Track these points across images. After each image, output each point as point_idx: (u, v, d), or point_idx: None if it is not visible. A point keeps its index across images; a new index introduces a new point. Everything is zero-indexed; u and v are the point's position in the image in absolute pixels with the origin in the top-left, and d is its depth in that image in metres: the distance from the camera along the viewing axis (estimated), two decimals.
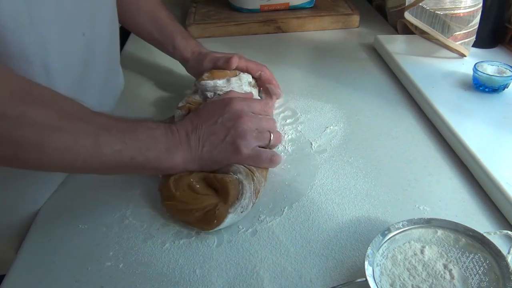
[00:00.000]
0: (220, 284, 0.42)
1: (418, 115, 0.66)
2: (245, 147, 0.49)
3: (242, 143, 0.49)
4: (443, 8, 0.76)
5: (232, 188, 0.46)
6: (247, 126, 0.50)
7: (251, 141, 0.50)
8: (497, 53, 0.78)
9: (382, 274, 0.40)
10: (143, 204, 0.51)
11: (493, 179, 0.49)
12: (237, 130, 0.49)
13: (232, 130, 0.49)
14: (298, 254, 0.44)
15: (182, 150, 0.48)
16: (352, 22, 0.98)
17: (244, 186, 0.47)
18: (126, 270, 0.44)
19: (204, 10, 1.02)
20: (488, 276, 0.39)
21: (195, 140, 0.49)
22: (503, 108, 0.63)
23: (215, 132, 0.50)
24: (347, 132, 0.63)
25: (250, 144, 0.50)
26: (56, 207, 0.52)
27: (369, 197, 0.51)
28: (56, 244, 0.47)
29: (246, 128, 0.50)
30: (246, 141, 0.49)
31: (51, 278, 0.43)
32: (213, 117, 0.51)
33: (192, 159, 0.49)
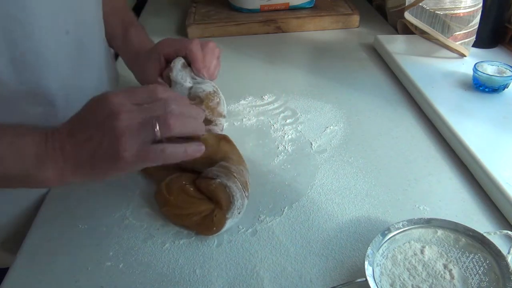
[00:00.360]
0: (220, 284, 0.42)
1: (418, 115, 0.66)
2: (125, 150, 0.38)
3: (120, 146, 0.38)
4: (443, 8, 0.76)
5: (220, 193, 0.46)
6: (124, 122, 0.39)
7: (132, 139, 0.39)
8: (497, 53, 0.78)
9: (382, 274, 0.40)
10: (143, 204, 0.51)
11: (493, 179, 0.49)
12: (112, 130, 0.38)
13: (107, 131, 0.39)
14: (298, 254, 0.44)
15: (55, 162, 0.40)
16: (352, 22, 0.98)
17: (231, 188, 0.46)
18: (126, 270, 0.43)
19: (204, 10, 1.02)
20: (488, 276, 0.39)
21: (70, 148, 0.40)
22: (503, 108, 0.63)
23: (91, 136, 0.40)
24: (347, 132, 0.63)
25: (131, 144, 0.39)
26: (56, 207, 0.52)
27: (369, 197, 0.51)
28: (56, 244, 0.47)
29: (121, 125, 0.38)
30: (124, 141, 0.38)
31: (51, 278, 0.43)
32: (88, 119, 0.41)
33: (71, 172, 0.41)
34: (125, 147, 0.38)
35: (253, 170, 0.55)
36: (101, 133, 0.39)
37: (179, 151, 0.41)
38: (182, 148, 0.41)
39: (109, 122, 0.39)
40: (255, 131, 0.63)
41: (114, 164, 0.39)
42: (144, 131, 0.39)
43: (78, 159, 0.40)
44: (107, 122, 0.39)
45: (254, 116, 0.66)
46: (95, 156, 0.39)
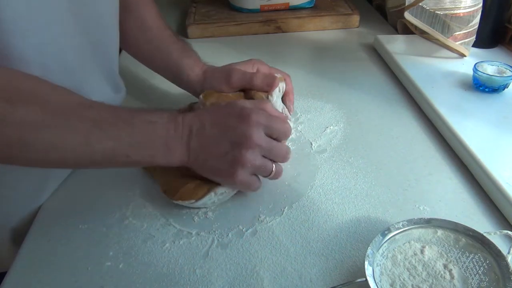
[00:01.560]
0: (220, 284, 0.42)
1: (418, 115, 0.66)
2: (241, 175, 0.45)
3: (239, 170, 0.45)
4: (443, 8, 0.76)
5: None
6: (253, 155, 0.45)
7: (250, 170, 0.46)
8: (497, 53, 0.78)
9: (382, 274, 0.40)
10: (143, 204, 0.51)
11: (493, 179, 0.49)
12: (240, 153, 0.44)
13: (236, 151, 0.45)
14: (298, 254, 0.44)
15: (180, 149, 0.45)
16: (352, 22, 0.98)
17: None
18: (126, 270, 0.43)
19: (204, 10, 1.02)
20: (488, 276, 0.39)
21: (196, 142, 0.45)
22: (503, 108, 0.63)
23: (219, 142, 0.45)
24: (347, 132, 0.63)
25: (246, 173, 0.46)
26: (56, 207, 0.52)
27: (369, 197, 0.51)
28: (56, 244, 0.47)
29: (250, 157, 0.45)
30: (245, 169, 0.45)
31: (51, 278, 0.43)
32: (223, 124, 0.46)
33: (188, 160, 0.46)
34: (241, 174, 0.45)
35: None
36: (229, 148, 0.45)
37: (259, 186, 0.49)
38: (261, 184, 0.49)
39: (242, 144, 0.44)
40: None
41: (222, 177, 0.46)
42: (262, 171, 0.47)
43: (201, 152, 0.45)
44: (240, 144, 0.44)
45: None
46: (214, 159, 0.45)
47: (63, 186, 0.55)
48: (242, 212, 0.49)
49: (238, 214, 0.49)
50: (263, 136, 0.46)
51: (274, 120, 0.47)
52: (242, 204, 0.51)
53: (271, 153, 0.47)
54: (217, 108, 0.49)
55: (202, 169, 0.47)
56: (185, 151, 0.45)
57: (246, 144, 0.44)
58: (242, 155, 0.44)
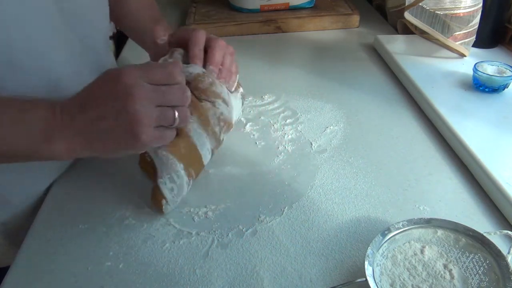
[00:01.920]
0: (220, 284, 0.42)
1: (418, 115, 0.66)
2: (144, 133, 0.40)
3: (138, 129, 0.40)
4: (443, 8, 0.76)
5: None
6: (142, 105, 0.40)
7: (150, 124, 0.41)
8: (497, 53, 0.78)
9: (382, 274, 0.40)
10: (143, 204, 0.51)
11: (493, 179, 0.49)
12: (129, 112, 0.39)
13: (124, 112, 0.39)
14: (298, 254, 0.44)
15: (65, 137, 0.40)
16: (352, 22, 0.98)
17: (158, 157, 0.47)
18: (126, 270, 0.43)
19: (204, 10, 1.02)
20: (488, 276, 0.39)
21: (80, 124, 0.40)
22: (503, 108, 0.63)
23: (105, 115, 0.40)
24: (347, 132, 0.63)
25: (149, 128, 0.41)
26: (56, 206, 0.52)
27: (369, 197, 0.51)
28: (56, 244, 0.47)
29: (140, 109, 0.39)
30: (143, 125, 0.40)
31: (51, 278, 0.43)
32: (101, 96, 0.41)
33: (80, 147, 0.41)
34: (144, 131, 0.40)
35: (253, 170, 0.55)
36: (116, 114, 0.40)
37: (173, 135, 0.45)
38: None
39: (125, 103, 0.39)
40: (255, 131, 0.63)
41: (130, 144, 0.41)
42: (164, 119, 0.42)
43: (89, 135, 0.41)
44: (124, 103, 0.39)
45: (254, 116, 0.66)
46: (108, 135, 0.40)
47: (63, 186, 0.55)
48: (242, 212, 0.49)
49: (238, 214, 0.49)
50: (146, 86, 0.41)
51: (151, 67, 0.43)
52: (242, 204, 0.51)
53: (166, 98, 0.42)
54: (89, 85, 0.43)
55: (101, 150, 0.42)
56: (71, 139, 0.40)
57: (129, 101, 0.39)
58: (131, 114, 0.39)
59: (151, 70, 0.42)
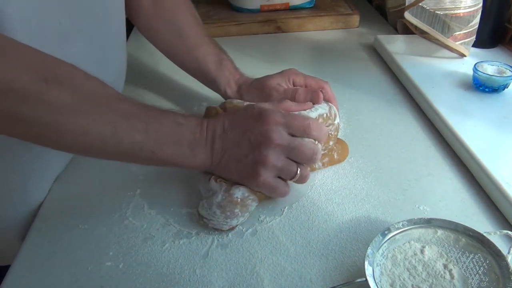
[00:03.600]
0: (220, 284, 0.42)
1: (418, 115, 0.66)
2: (263, 175, 0.45)
3: (262, 170, 0.44)
4: (443, 8, 0.76)
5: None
6: (275, 154, 0.44)
7: (272, 171, 0.45)
8: (497, 53, 0.78)
9: (382, 274, 0.40)
10: (143, 204, 0.51)
11: (493, 179, 0.49)
12: (260, 153, 0.44)
13: (257, 151, 0.44)
14: (298, 254, 0.44)
15: (205, 152, 0.46)
16: (352, 22, 0.98)
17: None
18: (126, 270, 0.43)
19: (204, 10, 1.02)
20: (488, 276, 0.39)
21: (219, 145, 0.46)
22: (503, 108, 0.63)
23: (240, 144, 0.45)
24: (347, 132, 0.63)
25: (269, 174, 0.45)
26: (56, 207, 0.52)
27: (369, 197, 0.51)
28: (56, 244, 0.47)
29: (271, 154, 0.44)
30: (267, 170, 0.45)
31: (51, 278, 0.43)
32: (243, 127, 0.46)
33: (211, 163, 0.46)
34: (263, 175, 0.45)
35: None
36: (249, 149, 0.45)
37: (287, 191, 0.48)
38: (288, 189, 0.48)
39: (262, 142, 0.44)
40: None
41: (246, 178, 0.46)
42: (286, 173, 0.46)
43: (223, 155, 0.46)
44: (259, 144, 0.44)
45: None
46: (235, 162, 0.46)
47: (63, 186, 0.55)
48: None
49: None
50: (284, 135, 0.45)
51: (293, 117, 0.47)
52: None
53: (294, 153, 0.45)
54: (237, 110, 0.50)
55: (225, 171, 0.47)
56: (209, 155, 0.46)
57: (265, 143, 0.44)
58: (262, 155, 0.44)
59: (292, 120, 0.46)
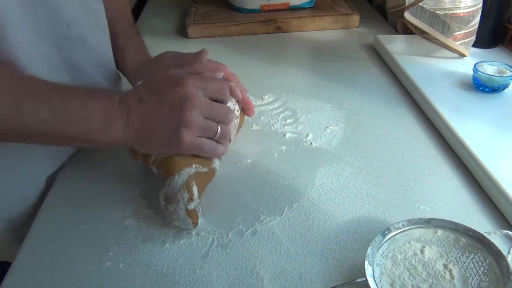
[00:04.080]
0: (220, 284, 0.42)
1: (418, 115, 0.66)
2: (188, 136, 0.45)
3: (185, 132, 0.45)
4: (443, 8, 0.76)
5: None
6: (195, 114, 0.45)
7: (195, 131, 0.46)
8: (497, 53, 0.78)
9: (382, 274, 0.40)
10: (143, 204, 0.51)
11: (493, 179, 0.49)
12: (184, 116, 0.45)
13: (179, 114, 0.45)
14: (298, 254, 0.44)
15: (120, 124, 0.44)
16: (352, 22, 0.98)
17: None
18: (126, 270, 0.43)
19: (204, 10, 1.02)
20: (488, 276, 0.39)
21: (136, 116, 0.45)
22: (503, 108, 0.63)
23: (158, 110, 0.45)
24: (347, 132, 0.63)
25: (194, 134, 0.46)
26: (56, 207, 0.52)
27: (369, 197, 0.51)
28: (56, 244, 0.47)
29: (193, 117, 0.45)
30: (190, 130, 0.45)
31: (51, 278, 0.43)
32: (161, 93, 0.46)
33: (130, 136, 0.45)
34: (186, 136, 0.45)
35: (253, 170, 0.55)
36: (170, 113, 0.44)
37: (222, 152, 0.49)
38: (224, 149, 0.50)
39: (182, 108, 0.44)
40: (255, 131, 0.63)
41: (173, 143, 0.45)
42: (207, 131, 0.47)
43: (142, 125, 0.45)
44: (180, 107, 0.44)
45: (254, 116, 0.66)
46: (157, 130, 0.45)
47: (63, 186, 0.55)
48: (242, 212, 0.49)
49: (238, 214, 0.49)
50: (201, 97, 0.46)
51: (209, 80, 0.48)
52: (242, 204, 0.51)
53: (213, 114, 0.47)
54: (151, 79, 0.48)
55: (146, 143, 0.46)
56: (125, 127, 0.45)
57: (185, 105, 0.45)
58: (185, 117, 0.44)
59: (210, 83, 0.47)
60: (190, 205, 0.45)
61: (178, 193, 0.45)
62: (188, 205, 0.45)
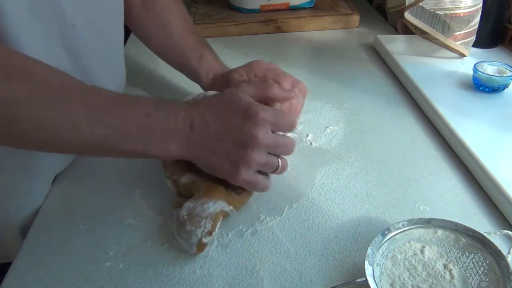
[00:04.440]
0: (220, 284, 0.42)
1: (418, 115, 0.66)
2: (245, 173, 0.44)
3: (244, 169, 0.44)
4: (443, 8, 0.76)
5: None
6: (259, 154, 0.44)
7: (255, 168, 0.45)
8: (497, 53, 0.78)
9: (382, 274, 0.40)
10: (143, 204, 0.51)
11: (493, 179, 0.49)
12: (246, 153, 0.43)
13: (241, 151, 0.43)
14: (298, 254, 0.44)
15: (179, 143, 0.43)
16: (352, 22, 0.98)
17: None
18: (126, 270, 0.43)
19: (204, 10, 1.02)
20: (488, 276, 0.39)
21: (198, 138, 0.43)
22: (503, 108, 0.63)
23: (223, 141, 0.43)
24: (347, 132, 0.63)
25: (250, 172, 0.44)
26: (56, 207, 0.52)
27: (369, 197, 0.51)
28: (56, 244, 0.47)
29: (255, 156, 0.43)
30: (249, 169, 0.44)
31: (51, 278, 0.43)
32: (228, 120, 0.44)
33: (186, 155, 0.44)
34: (244, 173, 0.44)
35: None
36: (234, 146, 0.43)
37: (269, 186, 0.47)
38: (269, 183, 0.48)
39: (247, 146, 0.43)
40: None
41: (227, 174, 0.45)
42: (268, 167, 0.46)
43: (201, 150, 0.44)
44: (245, 144, 0.43)
45: None
46: (216, 158, 0.44)
47: (63, 186, 0.55)
48: (242, 212, 0.49)
49: (238, 214, 0.49)
50: (270, 135, 0.44)
51: (282, 116, 0.46)
52: None
53: (277, 149, 0.46)
54: (221, 102, 0.46)
55: (203, 165, 0.46)
56: (184, 145, 0.43)
57: (251, 144, 0.43)
58: (247, 155, 0.43)
59: (281, 120, 0.45)
60: (206, 238, 0.43)
61: (204, 220, 0.44)
62: (204, 237, 0.43)
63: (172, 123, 0.43)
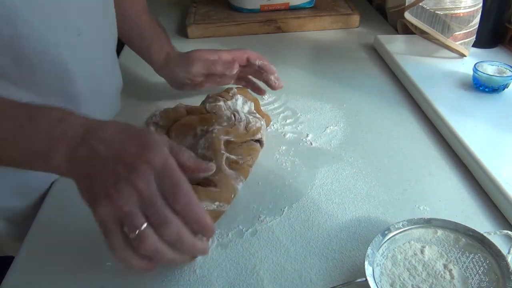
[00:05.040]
0: (220, 284, 0.42)
1: (418, 115, 0.66)
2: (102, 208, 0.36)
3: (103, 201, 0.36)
4: (443, 8, 0.76)
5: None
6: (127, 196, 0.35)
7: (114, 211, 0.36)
8: (497, 53, 0.78)
9: (382, 274, 0.40)
10: None
11: (493, 179, 0.49)
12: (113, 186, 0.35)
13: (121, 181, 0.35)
14: (298, 254, 0.44)
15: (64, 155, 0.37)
16: (352, 22, 0.98)
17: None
18: (126, 270, 0.43)
19: (204, 10, 1.02)
20: (488, 276, 0.39)
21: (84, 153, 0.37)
22: (503, 108, 0.63)
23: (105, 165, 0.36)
24: (347, 132, 0.63)
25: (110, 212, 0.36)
26: (56, 207, 0.52)
27: (369, 197, 0.51)
28: (56, 244, 0.47)
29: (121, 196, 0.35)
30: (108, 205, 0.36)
31: (51, 277, 0.43)
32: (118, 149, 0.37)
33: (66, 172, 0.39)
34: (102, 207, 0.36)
35: (253, 170, 0.55)
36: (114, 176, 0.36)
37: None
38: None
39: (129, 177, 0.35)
40: None
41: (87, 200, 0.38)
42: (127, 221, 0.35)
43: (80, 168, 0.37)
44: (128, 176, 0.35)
45: None
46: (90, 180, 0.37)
47: (63, 186, 0.55)
48: (242, 212, 0.49)
49: (238, 214, 0.49)
50: (153, 187, 0.35)
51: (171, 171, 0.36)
52: (242, 204, 0.51)
53: (149, 210, 0.35)
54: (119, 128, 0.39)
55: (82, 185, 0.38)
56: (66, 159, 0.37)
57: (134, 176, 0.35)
58: (115, 188, 0.35)
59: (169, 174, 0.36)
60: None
61: None
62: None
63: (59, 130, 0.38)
